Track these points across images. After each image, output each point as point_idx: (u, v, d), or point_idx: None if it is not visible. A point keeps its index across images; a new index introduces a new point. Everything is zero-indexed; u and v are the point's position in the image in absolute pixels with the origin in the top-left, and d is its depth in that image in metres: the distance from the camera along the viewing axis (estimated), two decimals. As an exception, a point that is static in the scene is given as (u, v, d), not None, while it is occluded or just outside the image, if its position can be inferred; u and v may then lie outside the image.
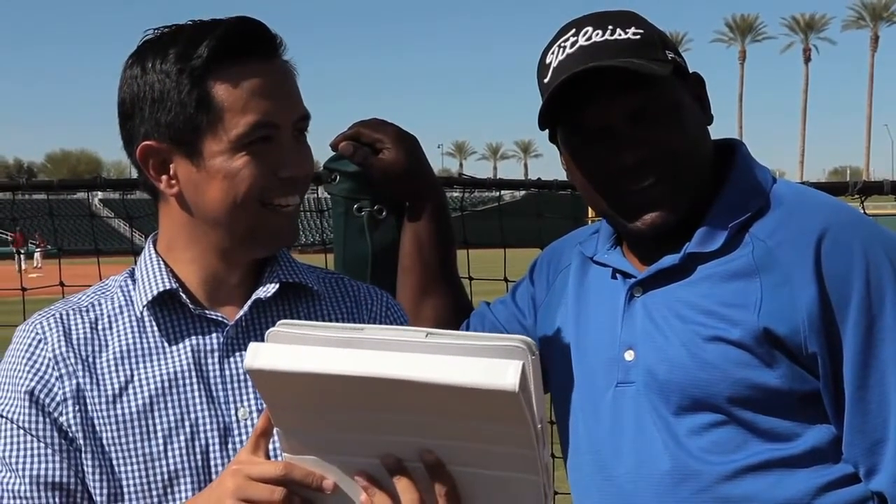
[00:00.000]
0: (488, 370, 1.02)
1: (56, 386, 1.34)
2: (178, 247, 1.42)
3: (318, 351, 1.09)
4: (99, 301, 1.43)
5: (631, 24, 1.49)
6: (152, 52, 1.35)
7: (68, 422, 1.33)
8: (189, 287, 1.41)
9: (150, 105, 1.34)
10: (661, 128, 1.46)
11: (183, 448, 1.34)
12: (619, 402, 1.49)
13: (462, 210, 5.08)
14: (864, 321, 1.37)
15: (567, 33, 1.51)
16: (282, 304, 1.44)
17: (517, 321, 1.76)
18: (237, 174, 1.33)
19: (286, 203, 1.38)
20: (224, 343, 1.39)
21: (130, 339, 1.38)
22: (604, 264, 1.60)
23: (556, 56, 1.50)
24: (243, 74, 1.33)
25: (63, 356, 1.36)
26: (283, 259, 1.47)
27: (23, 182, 4.11)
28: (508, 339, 1.06)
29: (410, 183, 1.80)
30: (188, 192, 1.36)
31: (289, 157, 1.36)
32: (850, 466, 1.40)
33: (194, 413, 1.35)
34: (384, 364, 1.06)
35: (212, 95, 1.32)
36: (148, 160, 1.37)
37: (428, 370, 1.04)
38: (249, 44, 1.34)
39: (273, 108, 1.34)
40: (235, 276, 1.42)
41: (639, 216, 1.49)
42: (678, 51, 1.55)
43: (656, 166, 1.46)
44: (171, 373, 1.36)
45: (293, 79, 1.39)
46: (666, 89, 1.47)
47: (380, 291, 1.55)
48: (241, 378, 1.37)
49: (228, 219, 1.36)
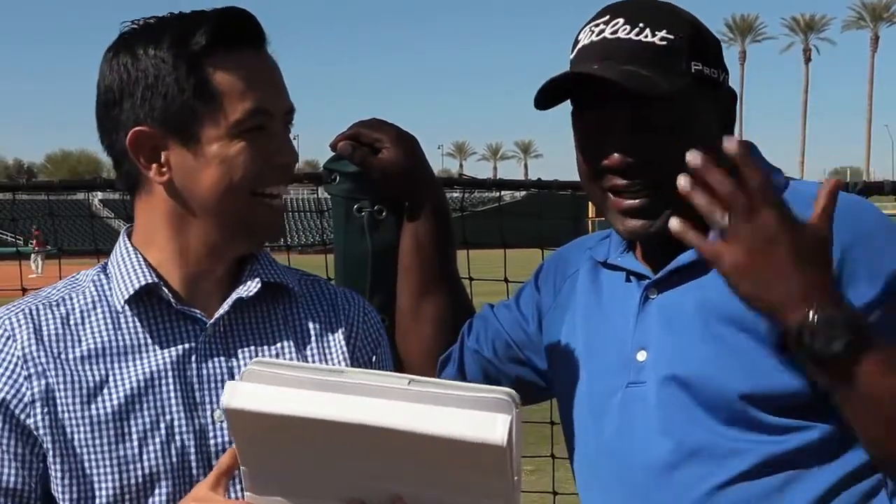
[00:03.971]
0: (476, 423, 1.02)
1: (24, 386, 1.30)
2: (160, 240, 1.39)
3: (299, 393, 1.07)
4: (70, 295, 1.39)
5: (664, 25, 1.46)
6: (142, 40, 1.34)
7: (35, 424, 1.29)
8: (169, 282, 1.38)
9: (142, 90, 1.32)
10: (658, 139, 1.45)
11: (159, 450, 1.31)
12: (630, 402, 1.49)
13: (462, 210, 5.08)
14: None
15: (602, 18, 1.50)
16: (261, 304, 1.42)
17: (520, 327, 1.76)
18: (233, 160, 1.33)
19: (276, 192, 1.38)
20: (203, 342, 1.37)
21: (105, 336, 1.35)
22: (617, 267, 1.59)
23: (584, 37, 1.50)
24: (240, 62, 1.34)
25: (32, 354, 1.32)
26: (263, 258, 1.46)
27: (23, 182, 4.12)
28: (495, 392, 1.05)
29: (410, 183, 1.79)
30: (180, 179, 1.35)
31: (281, 146, 1.37)
32: (858, 459, 1.39)
33: (170, 414, 1.32)
34: (370, 411, 1.04)
35: (210, 81, 1.32)
36: (139, 147, 1.34)
37: (414, 420, 1.03)
38: (242, 33, 1.35)
39: (267, 96, 1.35)
40: (219, 271, 1.40)
41: (621, 220, 1.49)
42: (716, 59, 1.51)
43: (643, 174, 1.46)
44: (149, 372, 1.33)
45: (280, 71, 1.40)
46: (675, 103, 1.44)
47: (358, 297, 1.55)
48: (219, 379, 1.36)
49: (219, 207, 1.34)
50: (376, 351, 1.51)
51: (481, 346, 1.77)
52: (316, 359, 1.43)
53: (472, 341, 1.79)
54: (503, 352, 1.76)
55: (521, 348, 1.75)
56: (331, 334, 1.46)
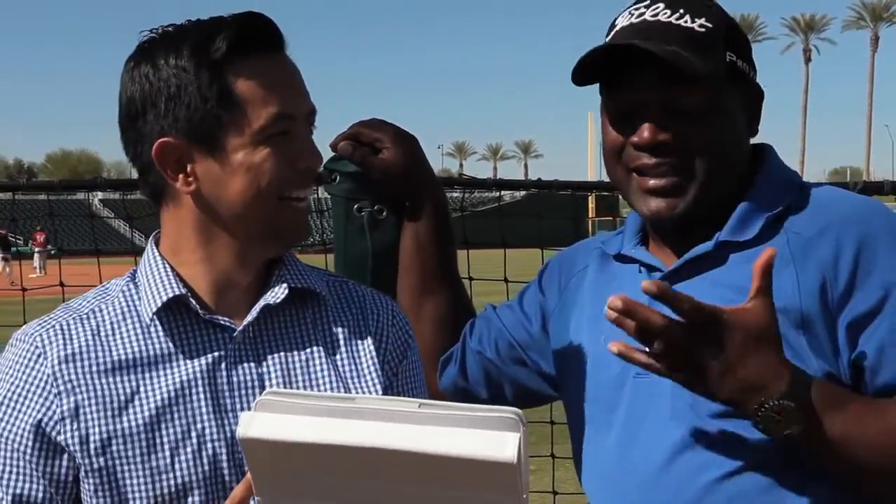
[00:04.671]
0: (487, 442, 1.04)
1: (55, 404, 1.31)
2: (188, 248, 1.38)
3: (313, 421, 1.10)
4: (100, 307, 1.39)
5: (703, 13, 1.48)
6: (162, 49, 1.33)
7: (66, 441, 1.30)
8: (197, 291, 1.38)
9: (165, 101, 1.32)
10: (692, 124, 1.46)
11: (191, 459, 1.31)
12: (638, 393, 1.49)
13: (462, 210, 5.09)
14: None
15: (642, 2, 1.52)
16: (289, 309, 1.41)
17: (523, 327, 1.76)
18: (259, 167, 1.32)
19: (303, 195, 1.38)
20: (232, 350, 1.36)
21: (135, 346, 1.35)
22: (631, 259, 1.59)
23: (623, 20, 1.52)
24: (260, 67, 1.33)
25: (63, 371, 1.32)
26: (290, 261, 1.45)
27: (23, 182, 4.13)
28: (503, 411, 1.07)
29: (410, 183, 1.79)
30: (207, 188, 1.34)
31: (305, 149, 1.36)
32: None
33: (201, 423, 1.32)
34: (381, 435, 1.07)
35: (232, 88, 1.31)
36: (165, 158, 1.33)
37: (425, 441, 1.05)
38: (261, 38, 1.34)
39: (289, 100, 1.34)
40: (247, 277, 1.40)
41: (645, 200, 1.50)
42: (748, 55, 1.53)
43: (674, 155, 1.47)
44: (179, 382, 1.33)
45: (300, 73, 1.39)
46: (709, 89, 1.46)
47: (386, 299, 1.53)
48: (249, 386, 1.35)
49: (247, 213, 1.34)
50: (406, 355, 1.49)
51: (483, 346, 1.77)
52: (346, 364, 1.42)
53: (474, 342, 1.79)
54: (506, 352, 1.76)
55: (524, 349, 1.75)
56: (360, 340, 1.45)
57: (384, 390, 1.43)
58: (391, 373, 1.46)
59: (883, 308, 1.38)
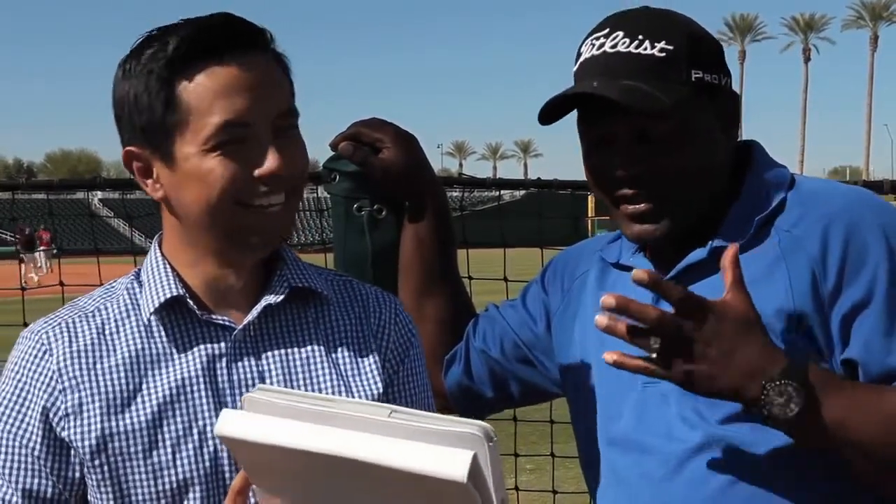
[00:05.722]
0: (440, 458, 1.03)
1: (59, 399, 1.32)
2: (179, 250, 1.40)
3: (285, 424, 1.11)
4: (105, 305, 1.40)
5: (663, 36, 1.47)
6: (132, 56, 1.33)
7: (70, 436, 1.31)
8: (195, 291, 1.39)
9: (128, 109, 1.33)
10: (663, 150, 1.46)
11: (192, 456, 1.32)
12: (646, 400, 1.49)
13: (462, 210, 5.09)
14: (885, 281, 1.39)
15: (602, 31, 1.51)
16: (290, 309, 1.41)
17: (528, 327, 1.76)
18: (209, 175, 1.29)
19: (266, 203, 1.32)
20: (232, 348, 1.37)
21: (139, 344, 1.36)
22: (629, 268, 1.59)
23: (586, 51, 1.52)
24: (211, 73, 1.29)
25: (67, 368, 1.34)
26: (291, 261, 1.44)
27: (23, 182, 4.12)
28: (466, 426, 1.06)
29: (410, 182, 1.79)
30: (170, 195, 1.35)
31: (265, 156, 1.30)
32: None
33: (202, 420, 1.33)
34: (344, 443, 1.07)
35: (178, 97, 1.29)
36: (132, 165, 1.36)
37: (383, 453, 1.05)
38: (220, 40, 1.30)
39: (244, 106, 1.29)
40: (239, 279, 1.39)
41: (629, 225, 1.52)
42: (716, 64, 1.52)
43: (649, 185, 1.48)
44: (180, 379, 1.34)
45: (273, 73, 1.33)
46: (675, 117, 1.46)
47: (389, 297, 1.53)
48: (249, 382, 1.36)
49: (209, 220, 1.33)
50: (408, 353, 1.49)
51: (488, 345, 1.77)
52: (346, 363, 1.43)
53: (478, 341, 1.79)
54: (511, 352, 1.76)
55: (529, 348, 1.75)
56: (361, 338, 1.45)
57: (385, 388, 1.43)
58: (392, 371, 1.46)
59: (871, 300, 1.39)
